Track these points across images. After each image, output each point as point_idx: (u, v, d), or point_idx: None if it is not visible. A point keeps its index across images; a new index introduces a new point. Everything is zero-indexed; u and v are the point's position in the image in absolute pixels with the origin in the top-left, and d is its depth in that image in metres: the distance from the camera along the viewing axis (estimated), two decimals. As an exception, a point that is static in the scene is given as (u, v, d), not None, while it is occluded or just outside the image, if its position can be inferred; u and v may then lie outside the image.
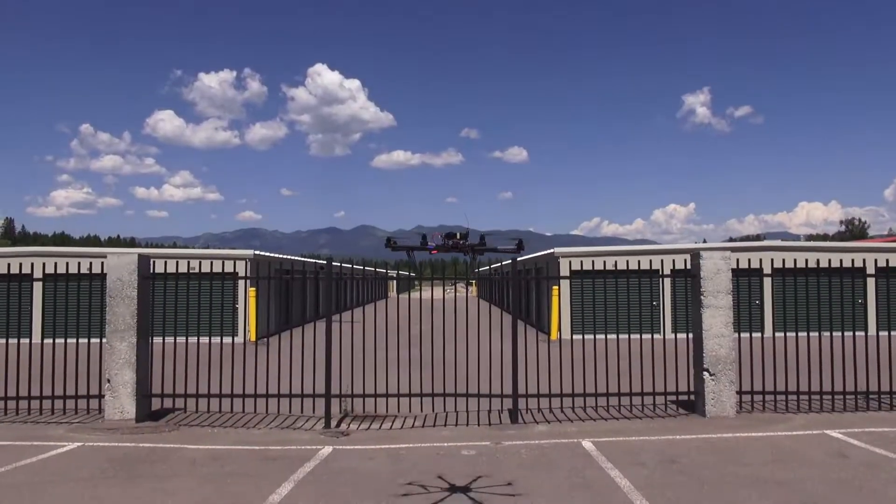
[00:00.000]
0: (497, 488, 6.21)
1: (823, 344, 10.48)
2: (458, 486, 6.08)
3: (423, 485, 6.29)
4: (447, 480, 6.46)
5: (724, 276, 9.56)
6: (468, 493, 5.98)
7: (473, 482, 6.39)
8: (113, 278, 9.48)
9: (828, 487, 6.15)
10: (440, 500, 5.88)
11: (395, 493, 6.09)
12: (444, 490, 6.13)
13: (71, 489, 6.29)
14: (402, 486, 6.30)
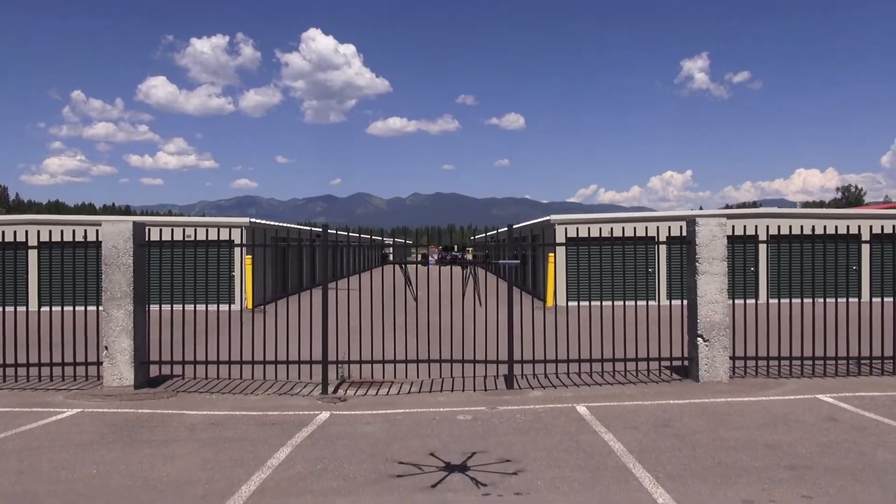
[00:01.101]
0: (492, 453, 6.30)
1: (817, 310, 10.56)
2: (454, 453, 6.15)
3: (415, 463, 6.38)
4: (442, 452, 6.55)
5: (720, 242, 9.58)
6: (465, 470, 6.06)
7: (468, 446, 6.48)
8: (108, 246, 9.46)
9: (818, 450, 6.26)
10: (436, 468, 5.97)
11: (392, 459, 6.17)
12: (440, 465, 6.21)
13: (72, 454, 6.36)
14: (398, 450, 6.38)
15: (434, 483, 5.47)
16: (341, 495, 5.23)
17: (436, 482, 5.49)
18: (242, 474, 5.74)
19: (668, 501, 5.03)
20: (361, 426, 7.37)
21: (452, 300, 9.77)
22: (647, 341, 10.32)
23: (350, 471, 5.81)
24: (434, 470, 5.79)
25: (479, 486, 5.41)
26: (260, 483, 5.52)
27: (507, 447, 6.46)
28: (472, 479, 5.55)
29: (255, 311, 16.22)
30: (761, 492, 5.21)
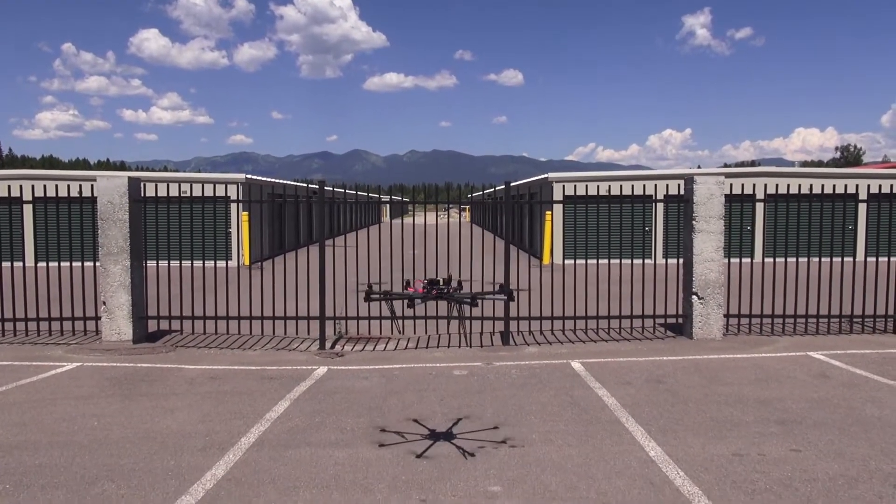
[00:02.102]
0: (488, 407, 6.39)
1: (812, 269, 10.61)
2: (450, 407, 6.23)
3: (412, 417, 6.46)
4: (438, 406, 6.64)
5: (717, 201, 9.57)
6: (461, 423, 6.14)
7: (464, 400, 6.57)
8: (104, 201, 9.41)
9: (807, 405, 6.37)
10: (432, 424, 6.05)
11: (388, 413, 6.26)
12: (436, 419, 6.29)
13: (72, 406, 6.44)
14: (394, 405, 6.48)
15: (438, 431, 5.56)
16: (339, 448, 5.32)
17: (440, 431, 5.58)
18: (241, 427, 5.83)
19: (660, 455, 5.13)
20: (358, 381, 7.45)
21: (450, 257, 9.79)
22: (643, 299, 10.39)
23: (347, 424, 5.90)
24: (430, 425, 5.88)
25: (476, 439, 5.51)
26: (259, 435, 5.61)
27: (503, 402, 6.56)
28: (467, 433, 5.64)
29: (252, 267, 16.25)
30: (751, 445, 5.32)
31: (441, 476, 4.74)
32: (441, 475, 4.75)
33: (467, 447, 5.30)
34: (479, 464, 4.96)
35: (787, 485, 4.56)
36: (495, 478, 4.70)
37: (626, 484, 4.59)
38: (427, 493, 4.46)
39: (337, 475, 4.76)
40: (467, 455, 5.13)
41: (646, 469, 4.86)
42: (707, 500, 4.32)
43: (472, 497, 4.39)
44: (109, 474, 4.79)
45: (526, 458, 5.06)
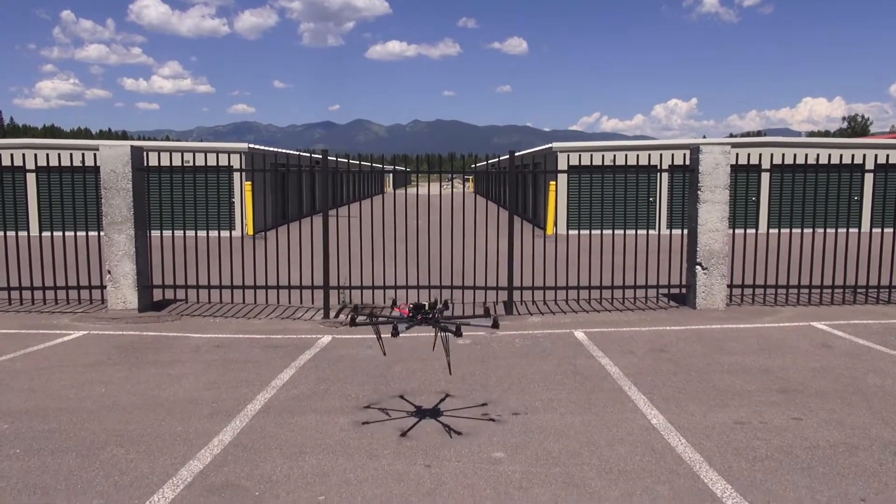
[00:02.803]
0: (491, 375, 6.44)
1: (817, 240, 10.59)
2: (454, 376, 6.27)
3: (415, 385, 6.50)
4: (442, 374, 6.69)
5: (723, 170, 9.51)
6: (461, 393, 6.17)
7: (468, 369, 6.62)
8: (107, 170, 9.39)
9: (809, 375, 6.40)
10: (436, 391, 6.10)
11: (393, 380, 6.32)
12: (440, 387, 6.34)
13: (79, 373, 6.51)
14: (399, 372, 6.53)
15: (434, 403, 5.62)
16: (344, 414, 5.38)
17: (436, 402, 5.63)
18: (248, 394, 5.89)
19: (662, 422, 5.18)
20: (363, 349, 7.50)
21: (453, 228, 9.80)
22: (647, 269, 10.39)
23: (352, 391, 5.96)
24: (434, 392, 5.94)
25: (480, 406, 5.56)
26: (265, 402, 5.67)
27: (506, 370, 6.61)
28: (470, 400, 5.70)
29: (256, 237, 16.27)
30: (753, 413, 5.36)
31: (444, 442, 4.79)
32: (444, 441, 4.81)
33: (471, 415, 5.35)
34: (483, 431, 5.01)
35: (788, 452, 4.61)
36: (499, 444, 4.76)
37: (627, 451, 4.64)
38: (431, 458, 4.52)
39: (342, 441, 4.82)
40: (469, 419, 5.18)
41: (648, 436, 4.91)
42: (708, 467, 4.37)
43: (475, 463, 4.45)
44: (118, 439, 4.86)
45: (529, 426, 5.11)
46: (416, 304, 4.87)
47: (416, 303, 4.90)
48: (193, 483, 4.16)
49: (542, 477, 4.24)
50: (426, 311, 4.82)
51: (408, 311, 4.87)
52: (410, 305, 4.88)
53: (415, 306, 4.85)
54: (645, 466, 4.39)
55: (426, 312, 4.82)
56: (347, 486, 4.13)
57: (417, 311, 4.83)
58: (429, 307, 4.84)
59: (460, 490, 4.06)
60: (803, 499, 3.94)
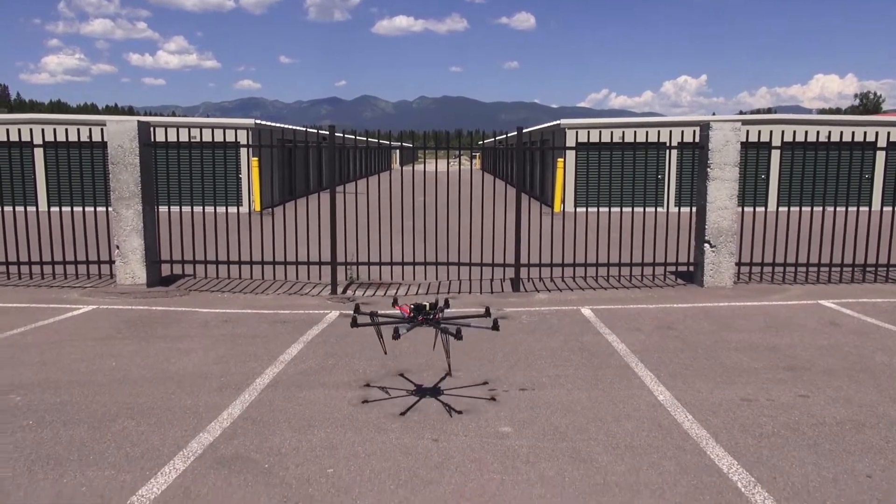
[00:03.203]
0: (498, 351, 6.46)
1: (826, 218, 10.52)
2: (461, 352, 6.29)
3: (423, 361, 6.51)
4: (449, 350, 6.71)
5: (733, 147, 9.43)
6: (468, 369, 6.18)
7: (474, 345, 6.64)
8: (114, 145, 9.39)
9: (817, 353, 6.39)
10: (442, 368, 6.13)
11: (400, 355, 6.35)
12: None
13: (90, 347, 6.57)
14: (406, 348, 6.56)
15: (442, 377, 5.65)
16: (352, 389, 5.42)
17: (443, 378, 5.66)
18: (256, 368, 5.93)
19: (669, 399, 5.19)
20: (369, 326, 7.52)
21: (460, 205, 9.76)
22: (654, 247, 10.36)
23: (360, 366, 5.99)
24: (442, 368, 5.96)
25: (485, 383, 5.59)
26: (273, 376, 5.71)
27: (513, 346, 6.63)
28: (478, 376, 5.72)
29: (263, 213, 16.28)
30: (760, 390, 5.37)
31: (451, 417, 4.82)
32: (451, 416, 4.84)
33: (478, 391, 5.38)
34: (489, 406, 5.04)
35: (795, 429, 4.62)
36: (506, 419, 4.78)
37: (634, 426, 4.66)
38: (439, 433, 4.56)
39: (350, 415, 4.86)
40: (477, 398, 5.21)
41: (654, 412, 4.92)
42: (715, 443, 4.39)
43: (483, 437, 4.48)
44: (129, 412, 4.91)
45: (536, 401, 5.14)
46: (416, 305, 4.97)
47: (417, 303, 5.00)
48: (204, 455, 4.21)
49: (549, 451, 4.27)
50: (427, 311, 4.92)
51: (408, 310, 4.96)
52: (411, 305, 4.97)
53: (416, 307, 4.96)
54: (651, 442, 4.41)
55: (427, 313, 4.92)
56: (356, 459, 4.17)
57: (418, 311, 4.93)
58: (429, 307, 4.93)
59: (468, 464, 4.10)
60: (809, 475, 3.96)
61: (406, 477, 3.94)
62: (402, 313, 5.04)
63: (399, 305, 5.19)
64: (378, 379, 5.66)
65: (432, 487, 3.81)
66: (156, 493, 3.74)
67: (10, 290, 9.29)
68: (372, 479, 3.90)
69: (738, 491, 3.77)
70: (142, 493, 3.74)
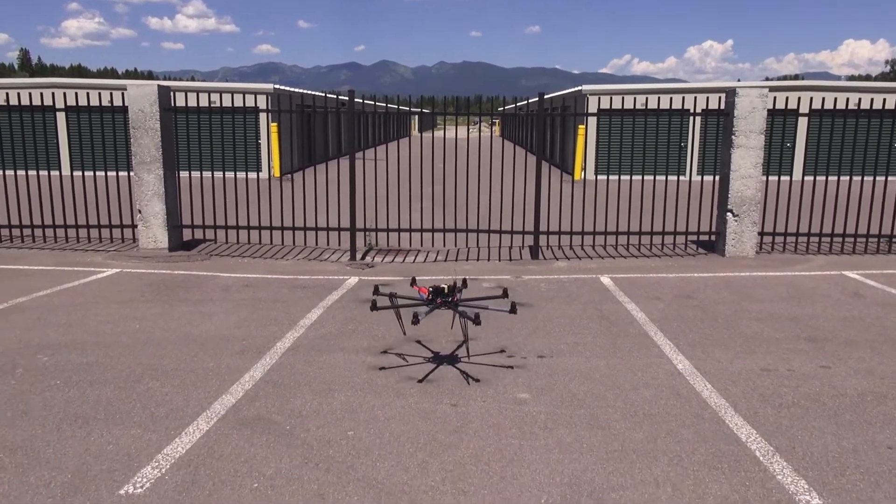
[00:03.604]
0: (516, 319, 6.48)
1: (853, 188, 10.32)
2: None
3: (441, 327, 6.55)
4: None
5: (759, 115, 9.24)
6: (486, 336, 6.17)
7: (493, 312, 6.65)
8: (135, 109, 9.41)
9: (839, 324, 6.33)
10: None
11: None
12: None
13: (114, 310, 6.68)
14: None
15: (459, 343, 5.68)
16: (371, 354, 5.47)
17: (461, 343, 5.69)
18: (277, 332, 6.00)
19: (688, 368, 5.18)
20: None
21: (480, 172, 9.70)
22: (675, 216, 10.24)
23: (379, 332, 6.04)
24: (460, 335, 5.99)
25: (503, 350, 5.61)
26: (294, 340, 5.77)
27: (531, 314, 6.63)
28: (496, 343, 5.74)
29: (283, 178, 16.32)
30: (780, 361, 5.34)
31: (470, 383, 4.86)
32: (469, 384, 4.87)
33: (496, 359, 5.41)
34: (507, 373, 5.07)
35: (815, 399, 4.60)
36: (524, 386, 4.81)
37: (652, 394, 4.67)
38: (458, 398, 4.59)
39: (370, 380, 4.91)
40: (495, 366, 5.24)
41: (673, 381, 4.92)
42: (734, 412, 4.38)
43: (501, 403, 4.51)
44: (153, 373, 5.00)
45: (554, 369, 5.15)
46: (435, 288, 5.03)
47: (435, 286, 5.05)
48: (227, 416, 4.29)
49: (567, 418, 4.29)
50: (445, 294, 4.97)
51: (427, 291, 5.01)
52: (430, 288, 5.02)
53: (434, 289, 5.02)
54: (670, 410, 4.41)
55: (445, 296, 4.97)
56: (375, 422, 4.22)
57: (437, 294, 5.00)
58: (447, 290, 4.98)
59: (486, 429, 4.14)
60: (829, 445, 3.95)
61: (425, 440, 3.99)
62: (420, 294, 5.08)
63: (417, 286, 5.23)
64: (396, 345, 5.71)
65: (451, 451, 3.86)
66: (180, 452, 3.82)
67: (35, 253, 9.44)
68: (391, 442, 3.96)
69: (757, 460, 3.77)
70: (167, 451, 3.83)
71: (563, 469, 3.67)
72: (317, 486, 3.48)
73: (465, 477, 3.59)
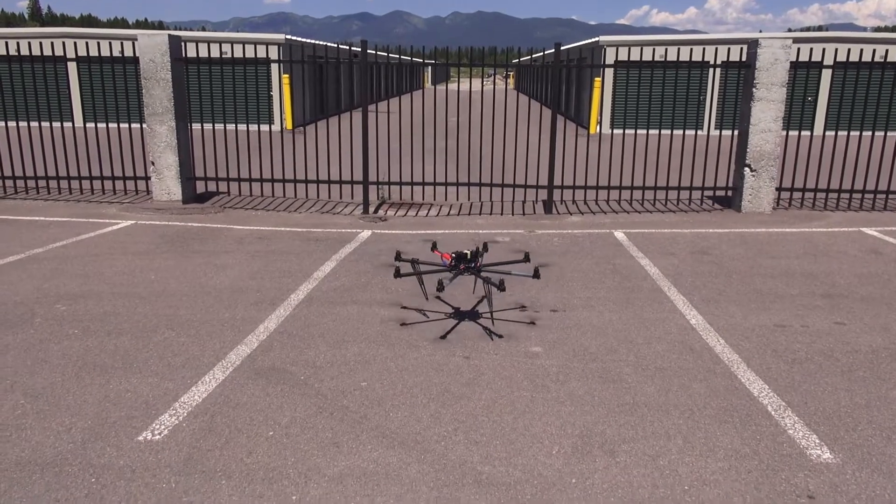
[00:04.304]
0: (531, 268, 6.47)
1: (875, 143, 10.10)
2: (493, 273, 6.31)
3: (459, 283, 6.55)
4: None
5: (782, 67, 9.00)
6: (501, 287, 6.19)
7: (506, 267, 6.65)
8: (146, 60, 9.32)
9: (855, 280, 6.27)
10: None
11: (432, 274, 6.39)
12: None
13: (130, 261, 6.73)
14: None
15: (479, 299, 5.69)
16: (385, 307, 5.49)
17: (480, 299, 5.70)
18: (290, 284, 6.03)
19: (700, 323, 5.17)
20: (402, 244, 7.57)
21: (494, 125, 9.57)
22: (692, 171, 10.10)
23: (392, 285, 6.06)
24: (473, 290, 6.00)
25: (518, 305, 5.61)
26: (307, 292, 5.81)
27: (545, 268, 6.62)
28: (508, 296, 5.74)
29: (295, 131, 16.22)
30: (794, 317, 5.31)
31: (483, 336, 4.88)
32: (483, 335, 4.90)
33: (510, 314, 5.42)
34: (520, 327, 5.08)
35: (829, 355, 4.59)
36: (536, 339, 4.83)
37: (665, 349, 4.67)
38: (470, 350, 4.62)
39: (383, 332, 4.95)
40: (508, 321, 5.25)
41: (686, 336, 4.92)
42: (746, 367, 4.38)
43: (513, 356, 4.53)
44: (169, 323, 5.06)
45: (566, 323, 5.16)
46: (458, 254, 5.00)
47: (458, 252, 5.02)
48: (242, 366, 4.35)
49: (579, 371, 4.31)
50: (468, 259, 4.94)
51: (450, 257, 4.99)
52: (453, 254, 4.99)
53: (457, 255, 4.99)
54: (682, 365, 4.42)
55: (468, 261, 4.94)
56: (388, 373, 4.26)
57: (460, 260, 4.97)
58: (470, 256, 4.95)
59: (498, 381, 4.17)
60: (841, 401, 3.95)
61: (437, 392, 4.03)
62: (443, 260, 5.06)
63: (439, 251, 5.24)
64: (408, 298, 5.72)
65: (463, 402, 3.90)
66: (197, 400, 3.89)
67: (50, 205, 9.50)
68: (404, 393, 4.00)
69: (768, 414, 3.78)
70: (184, 399, 3.89)
71: (574, 421, 3.70)
72: (331, 435, 3.54)
73: (477, 427, 3.63)
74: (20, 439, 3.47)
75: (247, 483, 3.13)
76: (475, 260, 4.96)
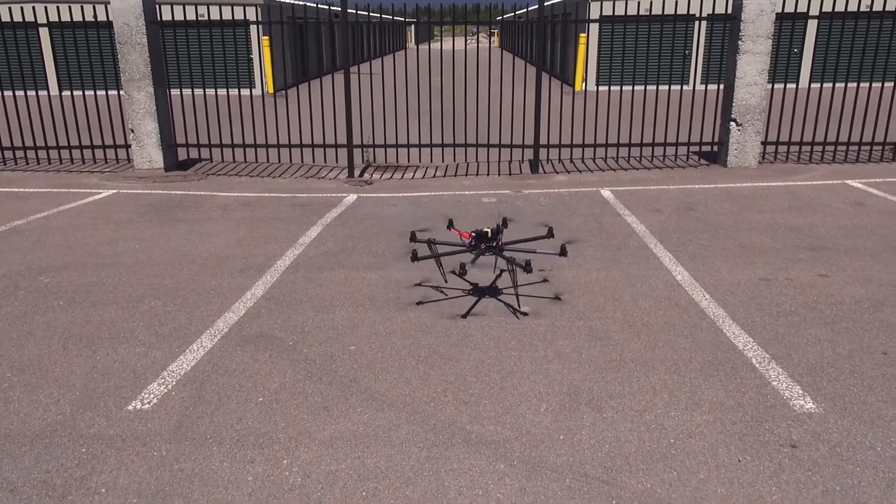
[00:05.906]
0: (515, 234, 6.46)
1: (861, 95, 10.07)
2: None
3: (442, 241, 6.51)
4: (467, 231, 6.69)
5: (767, 18, 8.91)
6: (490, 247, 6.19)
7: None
8: (120, 23, 9.08)
9: (840, 232, 6.32)
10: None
11: (418, 227, 6.37)
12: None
13: (113, 230, 6.66)
14: (425, 231, 6.57)
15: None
16: (372, 270, 5.48)
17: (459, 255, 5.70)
18: (277, 250, 6.00)
19: (687, 279, 5.21)
20: (388, 207, 7.53)
21: (478, 85, 9.45)
22: (678, 126, 10.06)
23: (379, 248, 6.04)
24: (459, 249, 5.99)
25: (505, 261, 5.61)
26: (294, 258, 5.78)
27: (532, 228, 6.61)
28: (494, 255, 5.74)
29: (277, 95, 15.95)
30: (779, 270, 5.35)
31: (466, 295, 4.89)
32: (466, 295, 4.90)
33: (493, 273, 5.42)
34: (507, 286, 5.09)
35: (813, 307, 4.64)
36: (523, 299, 4.84)
37: (651, 305, 4.71)
38: (458, 311, 4.63)
39: (371, 295, 4.94)
40: (494, 279, 5.26)
41: (672, 292, 4.95)
42: (731, 321, 4.43)
43: (500, 316, 4.55)
44: (155, 293, 5.03)
45: (553, 282, 5.17)
46: (478, 232, 4.63)
47: (478, 230, 4.65)
48: (230, 333, 4.34)
49: (566, 330, 4.34)
50: (489, 238, 4.61)
51: (469, 236, 4.66)
52: (473, 233, 4.64)
53: (477, 234, 4.62)
54: (668, 321, 4.46)
55: (489, 240, 4.62)
56: (377, 337, 4.28)
57: (481, 239, 4.60)
58: (491, 234, 4.61)
59: (486, 341, 4.19)
60: (824, 352, 4.00)
61: (426, 353, 4.05)
62: (462, 239, 4.77)
63: (456, 229, 4.98)
64: (398, 259, 5.71)
65: (452, 364, 3.92)
66: (185, 368, 3.89)
67: (29, 176, 9.34)
68: (393, 356, 4.02)
69: (753, 367, 3.83)
70: (172, 368, 3.89)
71: (562, 378, 3.74)
72: (321, 399, 3.56)
73: (465, 388, 3.66)
74: (8, 412, 3.46)
75: (238, 449, 3.15)
76: (496, 238, 4.63)
